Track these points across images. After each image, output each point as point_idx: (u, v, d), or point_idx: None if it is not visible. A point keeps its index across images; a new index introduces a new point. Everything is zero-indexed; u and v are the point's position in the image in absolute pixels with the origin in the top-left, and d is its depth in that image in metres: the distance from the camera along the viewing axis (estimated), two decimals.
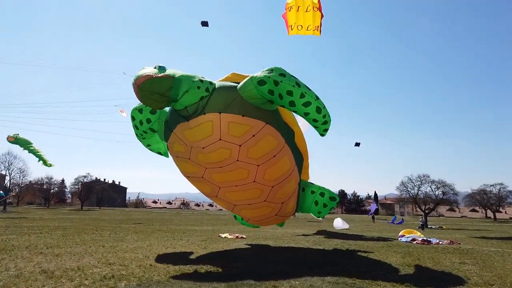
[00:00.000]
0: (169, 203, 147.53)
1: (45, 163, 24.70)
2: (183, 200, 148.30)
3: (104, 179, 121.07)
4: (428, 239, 18.86)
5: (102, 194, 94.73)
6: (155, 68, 9.99)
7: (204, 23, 16.40)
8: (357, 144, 15.16)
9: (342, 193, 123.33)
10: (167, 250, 13.18)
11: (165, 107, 10.60)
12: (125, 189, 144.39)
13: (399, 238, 20.23)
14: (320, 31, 14.05)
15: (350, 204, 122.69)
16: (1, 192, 33.09)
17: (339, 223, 28.77)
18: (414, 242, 18.32)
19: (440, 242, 18.47)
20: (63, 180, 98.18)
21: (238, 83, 10.36)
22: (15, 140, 22.49)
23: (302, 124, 18.48)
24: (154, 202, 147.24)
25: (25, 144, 23.17)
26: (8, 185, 67.20)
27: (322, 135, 10.57)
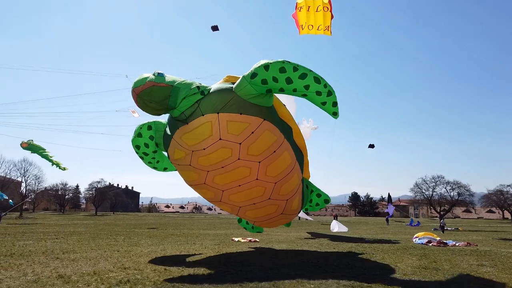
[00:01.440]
0: (182, 207, 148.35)
1: (59, 166, 24.99)
2: (196, 204, 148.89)
3: (118, 185, 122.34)
4: (444, 241, 18.55)
5: (115, 199, 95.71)
6: (153, 75, 10.26)
7: (214, 28, 16.50)
8: (371, 146, 15.06)
9: (354, 196, 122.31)
10: (181, 254, 13.22)
11: (163, 113, 10.83)
12: (138, 194, 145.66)
13: (414, 240, 19.95)
14: (331, 31, 14.06)
15: (363, 207, 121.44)
16: (10, 201, 33.59)
17: (335, 226, 28.45)
18: (430, 244, 18.03)
19: (457, 244, 18.15)
20: (77, 186, 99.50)
21: (233, 84, 10.48)
22: (28, 146, 22.80)
23: (305, 130, 18.77)
24: (167, 206, 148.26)
25: (38, 150, 23.47)
26: (24, 192, 68.28)
27: (334, 113, 10.05)
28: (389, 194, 39.55)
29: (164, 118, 11.74)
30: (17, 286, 7.75)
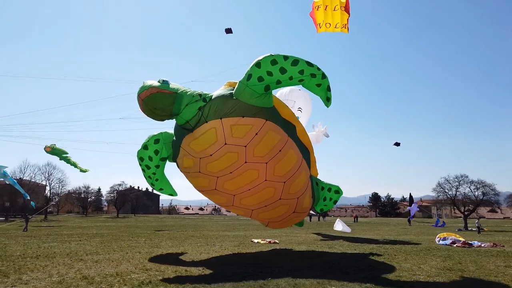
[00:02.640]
0: (201, 209, 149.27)
1: (80, 169, 25.57)
2: (215, 206, 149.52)
3: (138, 187, 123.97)
4: (469, 242, 18.05)
5: (136, 202, 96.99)
6: (158, 81, 10.63)
7: (228, 30, 16.59)
8: (397, 144, 14.84)
9: (375, 196, 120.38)
10: (201, 256, 13.29)
11: (167, 119, 11.12)
12: (158, 196, 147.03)
13: (437, 241, 19.50)
14: (348, 29, 14.05)
15: (384, 207, 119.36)
16: (32, 202, 34.48)
17: (339, 226, 28.24)
18: (454, 245, 17.58)
19: (482, 245, 17.64)
20: (99, 189, 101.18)
21: (234, 89, 10.77)
22: (52, 150, 23.35)
23: (318, 134, 18.93)
24: (187, 208, 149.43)
25: (60, 154, 24.01)
26: (49, 195, 70.05)
27: (328, 99, 10.35)
28: (410, 194, 38.94)
29: (171, 129, 11.94)
30: (43, 287, 7.95)
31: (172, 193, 13.71)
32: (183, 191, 12.64)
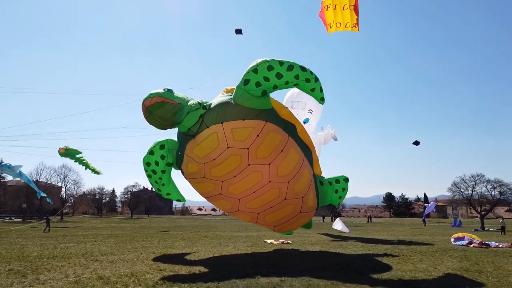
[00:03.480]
0: (214, 209, 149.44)
1: (93, 170, 25.77)
2: None
3: (151, 188, 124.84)
4: (486, 242, 17.73)
5: (150, 203, 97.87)
6: (163, 90, 10.90)
7: (238, 31, 16.62)
8: (416, 143, 14.62)
9: (389, 196, 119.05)
10: (215, 256, 13.34)
11: (169, 128, 11.38)
12: None
13: (452, 241, 19.19)
14: (358, 28, 13.97)
15: (398, 207, 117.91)
16: (48, 199, 34.95)
17: (339, 225, 28.15)
18: (471, 246, 17.28)
19: (500, 245, 17.29)
20: (113, 190, 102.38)
21: (232, 95, 11.04)
22: (65, 151, 23.55)
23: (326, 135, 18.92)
24: (199, 209, 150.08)
25: (75, 154, 24.15)
26: (64, 196, 71.21)
27: (322, 99, 11.02)
28: (425, 194, 38.40)
29: (175, 136, 12.11)
30: (60, 287, 8.07)
31: (180, 198, 13.65)
32: (197, 192, 12.68)
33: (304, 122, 22.61)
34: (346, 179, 14.22)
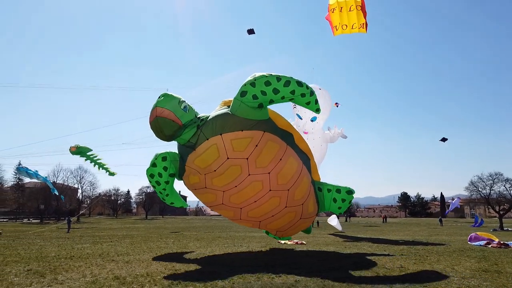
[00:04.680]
0: None
1: (107, 171, 25.87)
2: None
3: None
4: (506, 243, 17.33)
5: (164, 204, 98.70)
6: (179, 102, 11.12)
7: (250, 31, 16.60)
8: (444, 140, 14.39)
9: (404, 196, 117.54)
10: (229, 257, 13.37)
11: (169, 140, 11.51)
12: (185, 197, 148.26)
13: (469, 241, 18.83)
14: (366, 28, 13.87)
15: (414, 207, 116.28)
16: (62, 196, 35.53)
17: (334, 222, 28.15)
18: (489, 246, 16.93)
19: None
20: (128, 191, 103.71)
21: (229, 107, 11.28)
22: (77, 149, 23.67)
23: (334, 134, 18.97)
24: None
25: (86, 152, 24.20)
26: (81, 198, 72.32)
27: (317, 110, 11.30)
28: (441, 193, 37.77)
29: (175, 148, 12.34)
30: (77, 287, 8.20)
31: (183, 205, 13.87)
32: None
33: (312, 120, 22.57)
34: (350, 192, 13.51)
